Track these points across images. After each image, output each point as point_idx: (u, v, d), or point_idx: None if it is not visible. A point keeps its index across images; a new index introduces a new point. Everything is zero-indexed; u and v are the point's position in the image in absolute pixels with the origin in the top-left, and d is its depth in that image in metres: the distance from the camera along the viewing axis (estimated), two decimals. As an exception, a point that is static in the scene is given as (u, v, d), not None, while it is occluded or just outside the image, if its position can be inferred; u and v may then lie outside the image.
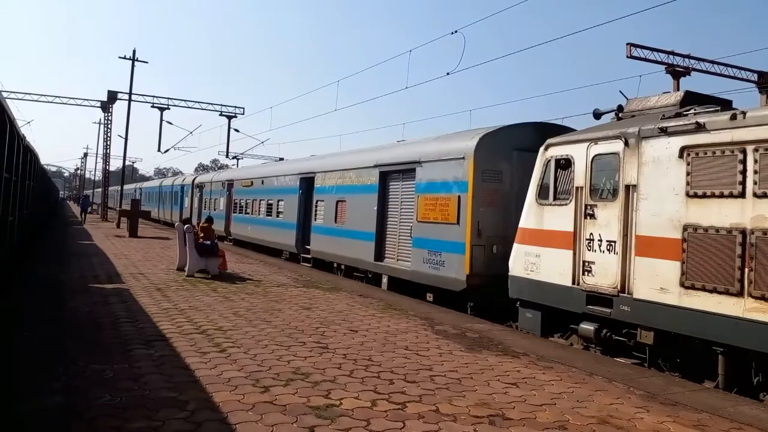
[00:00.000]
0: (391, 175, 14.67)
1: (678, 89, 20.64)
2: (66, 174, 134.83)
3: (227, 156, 43.46)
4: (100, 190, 47.75)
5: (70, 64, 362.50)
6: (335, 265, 17.21)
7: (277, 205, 22.25)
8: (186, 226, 15.01)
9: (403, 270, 13.55)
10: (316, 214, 18.60)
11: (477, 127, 12.58)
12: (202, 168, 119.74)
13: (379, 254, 14.65)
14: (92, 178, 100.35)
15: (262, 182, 24.32)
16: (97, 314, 8.97)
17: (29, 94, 40.55)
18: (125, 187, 62.29)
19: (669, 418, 5.56)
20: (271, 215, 22.82)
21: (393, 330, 9.02)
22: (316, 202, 18.61)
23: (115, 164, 64.45)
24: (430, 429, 4.94)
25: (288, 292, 12.35)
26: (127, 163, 41.38)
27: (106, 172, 44.62)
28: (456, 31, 17.09)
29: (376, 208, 14.75)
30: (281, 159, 36.96)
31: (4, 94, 10.09)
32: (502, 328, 10.01)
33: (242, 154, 46.11)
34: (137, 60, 36.60)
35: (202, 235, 14.94)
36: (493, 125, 12.39)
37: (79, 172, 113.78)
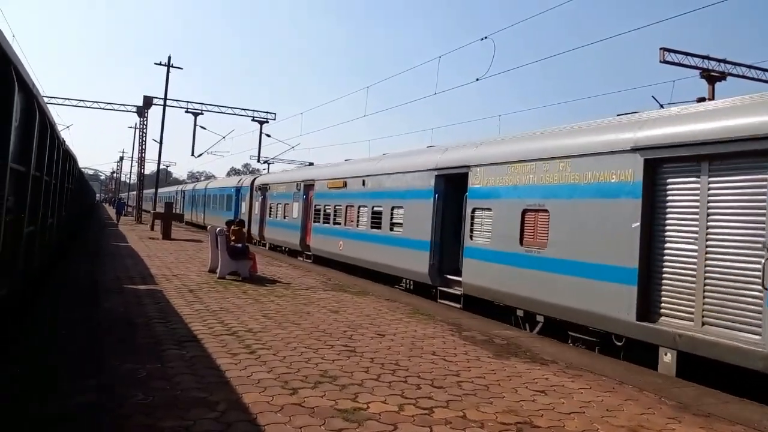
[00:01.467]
0: (670, 165, 8.36)
1: (713, 95, 20.27)
2: (102, 177, 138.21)
3: (258, 160, 44.03)
4: (135, 192, 48.40)
5: (108, 70, 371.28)
6: (520, 313, 11.05)
7: (391, 214, 16.00)
8: (218, 229, 15.27)
9: (734, 348, 7.07)
10: (473, 230, 12.46)
11: None
12: (234, 172, 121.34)
13: (646, 307, 8.38)
14: (128, 181, 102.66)
15: (364, 183, 17.96)
16: (131, 314, 9.18)
17: (69, 99, 41.84)
18: (165, 189, 62.25)
19: (702, 430, 5.45)
20: (379, 228, 16.58)
21: (420, 335, 9.02)
22: (473, 212, 12.48)
23: (150, 168, 65.71)
24: (456, 435, 4.93)
25: (317, 296, 12.45)
26: (161, 166, 42.19)
27: (140, 176, 45.56)
28: (486, 37, 17.07)
29: (638, 224, 8.51)
30: (311, 164, 36.95)
31: (45, 100, 10.41)
32: (530, 335, 9.90)
33: (273, 158, 46.59)
34: (172, 66, 37.39)
35: (233, 238, 15.17)
36: None
37: (114, 175, 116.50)
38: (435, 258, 13.76)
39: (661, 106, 11.44)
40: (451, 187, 13.72)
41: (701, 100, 18.72)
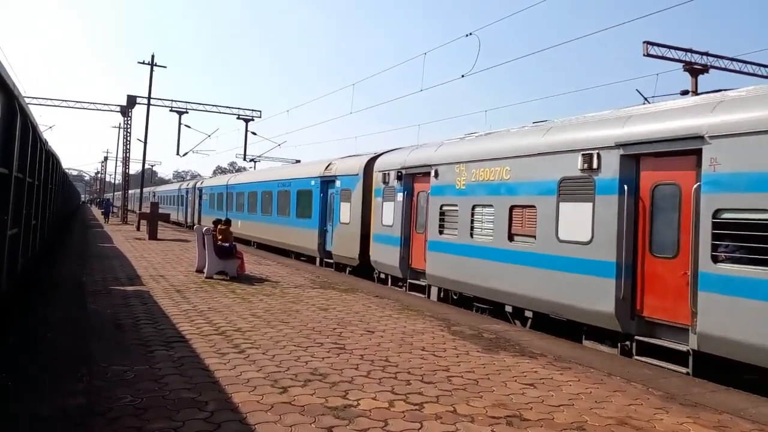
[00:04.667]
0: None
1: (696, 87, 20.47)
2: (87, 178, 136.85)
3: (245, 159, 43.78)
4: (126, 192, 46.56)
5: (91, 69, 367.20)
6: None
7: None
8: (205, 228, 15.19)
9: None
10: None
11: None
12: (220, 171, 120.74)
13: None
14: (112, 181, 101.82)
15: None
16: (118, 316, 9.11)
17: (51, 99, 41.32)
18: (168, 188, 58.11)
19: (689, 420, 5.51)
20: None
21: (409, 331, 9.04)
22: None
23: (135, 168, 65.04)
24: (447, 429, 4.95)
25: (305, 293, 12.42)
26: (146, 166, 41.79)
27: (125, 176, 45.18)
28: (470, 34, 17.05)
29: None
30: (298, 161, 35.92)
31: (27, 100, 10.28)
32: (519, 329, 9.97)
33: (259, 156, 46.37)
34: (156, 65, 37.05)
35: (220, 237, 15.09)
36: None
37: (99, 175, 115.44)
38: None
39: (646, 99, 11.60)
40: None
41: (685, 92, 18.92)
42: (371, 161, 17.26)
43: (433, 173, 13.43)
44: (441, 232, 12.96)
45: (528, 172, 10.68)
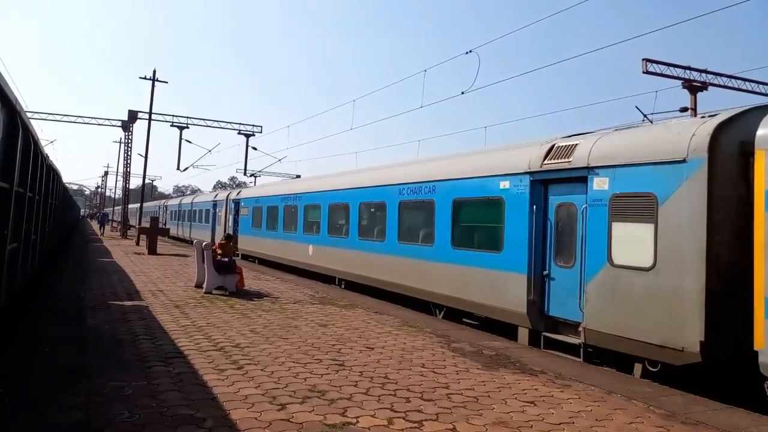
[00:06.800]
0: None
1: (695, 104, 20.59)
2: (87, 192, 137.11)
3: (245, 174, 43.86)
4: (132, 207, 44.99)
5: (92, 84, 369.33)
6: None
7: None
8: (204, 243, 15.19)
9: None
10: None
11: None
12: (220, 186, 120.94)
13: None
14: (113, 196, 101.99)
15: None
16: (117, 331, 9.07)
17: (52, 114, 41.55)
18: (181, 201, 48.91)
19: (690, 438, 5.47)
20: None
21: (409, 347, 8.99)
22: None
23: (135, 182, 65.01)
24: (446, 448, 4.91)
25: (304, 309, 12.38)
26: (146, 181, 41.78)
27: (126, 190, 45.25)
28: (470, 51, 17.20)
29: None
30: (298, 176, 35.67)
31: (29, 115, 10.33)
32: (519, 346, 9.92)
33: (260, 171, 46.43)
34: (157, 80, 37.28)
35: (220, 252, 15.08)
36: None
37: (99, 190, 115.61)
38: None
39: (645, 116, 11.64)
40: None
41: (684, 109, 19.00)
42: (730, 125, 7.71)
43: None
44: None
45: None
